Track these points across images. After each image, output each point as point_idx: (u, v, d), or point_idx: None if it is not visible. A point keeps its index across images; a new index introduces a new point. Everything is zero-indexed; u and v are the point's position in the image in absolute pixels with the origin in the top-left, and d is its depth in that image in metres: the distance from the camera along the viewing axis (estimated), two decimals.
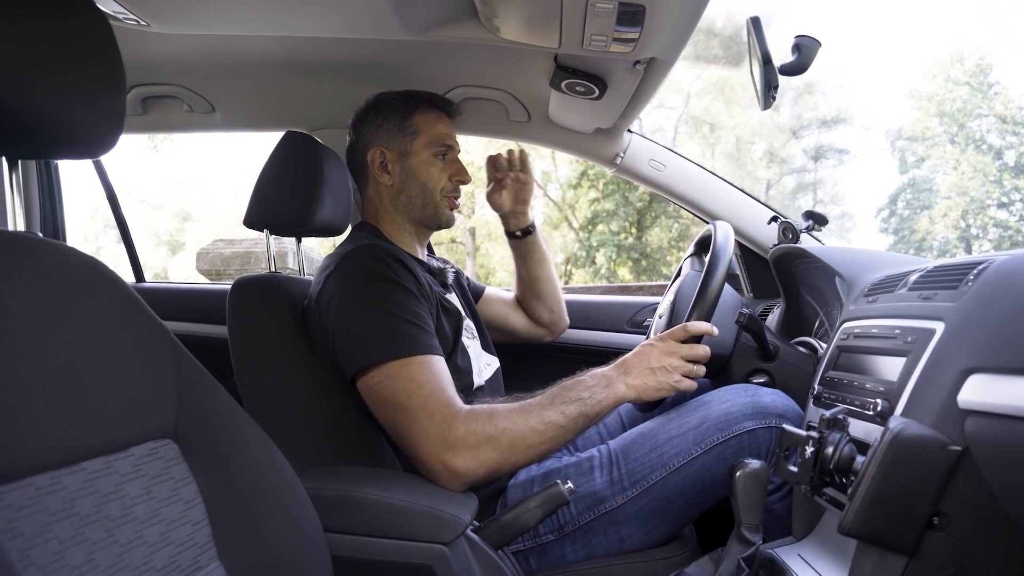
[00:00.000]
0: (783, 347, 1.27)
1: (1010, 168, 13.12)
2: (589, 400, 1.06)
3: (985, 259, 0.82)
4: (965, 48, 13.74)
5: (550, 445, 1.04)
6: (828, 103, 14.61)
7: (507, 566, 0.96)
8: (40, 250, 0.63)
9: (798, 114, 14.58)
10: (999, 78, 13.41)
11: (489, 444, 1.00)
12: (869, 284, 1.07)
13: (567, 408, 1.05)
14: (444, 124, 1.32)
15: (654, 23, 0.99)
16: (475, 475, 0.99)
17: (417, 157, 1.28)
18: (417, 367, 1.03)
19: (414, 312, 1.08)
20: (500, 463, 1.01)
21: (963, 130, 13.64)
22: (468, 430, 0.99)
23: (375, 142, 1.29)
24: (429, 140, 1.29)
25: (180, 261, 17.44)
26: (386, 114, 1.29)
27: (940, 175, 13.87)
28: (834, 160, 14.69)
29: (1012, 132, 13.20)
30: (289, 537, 0.76)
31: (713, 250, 1.15)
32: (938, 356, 0.78)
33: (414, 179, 1.29)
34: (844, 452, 0.79)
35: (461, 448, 0.98)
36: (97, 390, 0.61)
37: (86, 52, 0.66)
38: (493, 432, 1.00)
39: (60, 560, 0.52)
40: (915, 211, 14.11)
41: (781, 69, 1.08)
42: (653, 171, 1.72)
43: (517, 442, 1.01)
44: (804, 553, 0.95)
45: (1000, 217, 13.29)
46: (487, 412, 1.03)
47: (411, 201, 1.30)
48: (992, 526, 0.71)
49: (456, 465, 0.98)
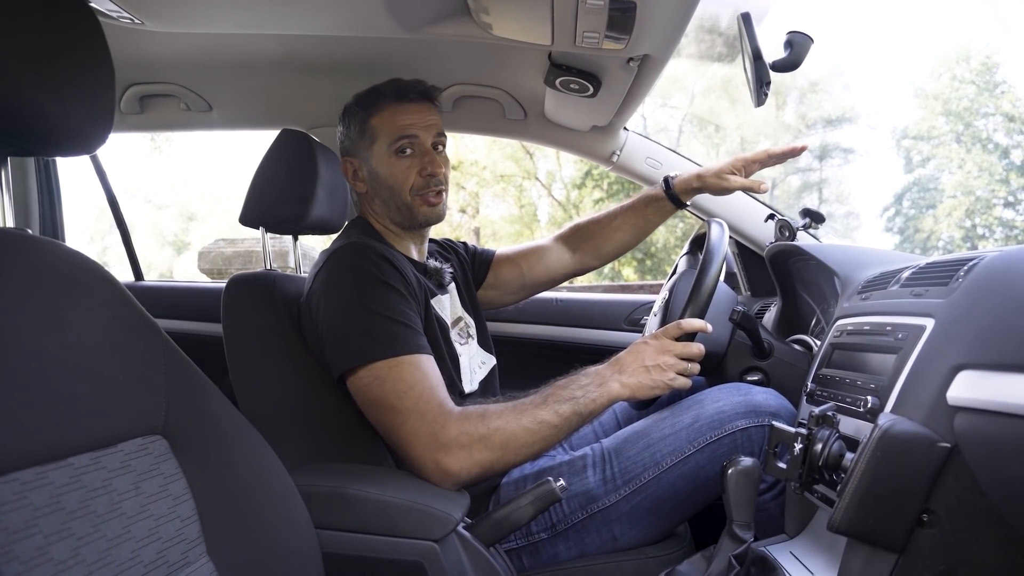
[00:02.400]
0: (778, 345, 1.27)
1: (1016, 167, 13.04)
2: (583, 399, 1.05)
3: (975, 256, 0.81)
4: (971, 47, 13.68)
5: (543, 444, 1.04)
6: (833, 102, 14.55)
7: (499, 564, 0.96)
8: (29, 247, 0.63)
9: (803, 113, 14.54)
10: (1006, 76, 13.34)
11: (482, 444, 0.99)
12: (863, 281, 1.07)
13: (560, 407, 1.04)
14: (404, 115, 1.22)
15: (646, 20, 0.99)
16: (468, 475, 0.99)
17: (378, 160, 1.23)
18: (406, 368, 1.03)
19: (400, 311, 1.07)
20: (493, 462, 1.00)
21: (969, 129, 13.56)
22: (460, 430, 0.99)
23: (345, 152, 1.28)
24: (388, 139, 1.22)
25: (185, 261, 17.49)
26: (348, 122, 1.26)
27: (946, 174, 13.80)
28: (839, 159, 14.63)
29: (1019, 131, 13.12)
30: (279, 533, 0.76)
31: (707, 247, 1.14)
32: (928, 353, 0.78)
33: (381, 184, 1.24)
34: (833, 449, 0.79)
35: (454, 448, 0.98)
36: (85, 386, 0.61)
37: (75, 49, 0.67)
38: (486, 432, 0.99)
39: (44, 555, 0.53)
40: (920, 210, 14.04)
41: (773, 65, 1.07)
42: (650, 169, 1.72)
43: (510, 441, 1.00)
44: (796, 551, 0.95)
45: (1006, 216, 13.21)
46: (479, 412, 1.02)
47: (385, 206, 1.26)
48: (982, 523, 0.71)
49: (449, 465, 0.97)
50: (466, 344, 1.31)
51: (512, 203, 15.44)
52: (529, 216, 15.43)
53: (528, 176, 14.98)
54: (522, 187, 15.24)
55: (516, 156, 14.46)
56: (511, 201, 15.43)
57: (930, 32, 20.23)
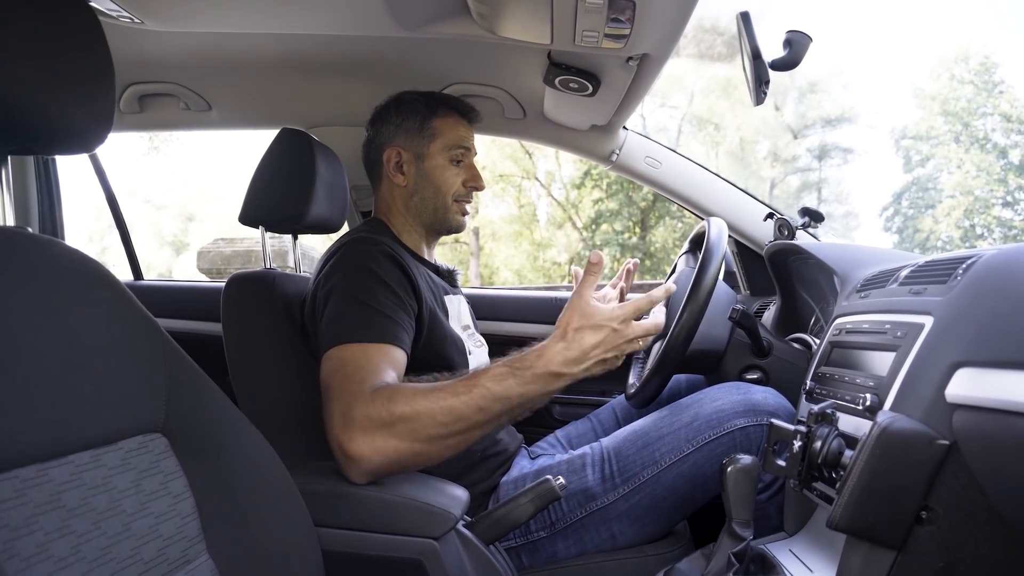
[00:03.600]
0: (777, 343, 1.27)
1: (1015, 167, 13.07)
2: (518, 400, 0.92)
3: (974, 254, 0.82)
4: (970, 47, 13.71)
5: (459, 439, 0.91)
6: (832, 102, 14.61)
7: (499, 562, 0.96)
8: (30, 245, 0.63)
9: (802, 113, 14.57)
10: (1004, 76, 13.38)
11: (383, 429, 0.88)
12: (862, 280, 1.07)
13: (487, 403, 0.90)
14: (463, 128, 1.31)
15: (645, 18, 0.99)
16: (370, 462, 0.88)
17: (433, 160, 1.28)
18: (356, 351, 0.97)
19: (385, 303, 1.04)
20: (398, 451, 0.88)
21: (967, 129, 13.60)
22: (364, 413, 0.89)
23: (392, 141, 1.28)
24: (447, 144, 1.28)
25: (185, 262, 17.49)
26: (407, 114, 1.28)
27: (944, 174, 13.84)
28: (839, 159, 14.69)
29: (1017, 131, 13.16)
30: (279, 531, 0.77)
31: (706, 246, 1.15)
32: (927, 350, 0.78)
33: (428, 182, 1.28)
34: (832, 446, 0.79)
35: (355, 431, 0.88)
36: (86, 384, 0.62)
37: (75, 48, 0.67)
38: (387, 417, 0.88)
39: (45, 552, 0.53)
40: (919, 210, 14.08)
41: (772, 64, 1.08)
42: (649, 168, 1.73)
43: (417, 431, 0.88)
44: (795, 549, 0.95)
45: (1005, 216, 13.24)
46: (390, 393, 0.90)
47: (423, 204, 1.29)
48: (980, 520, 0.71)
49: (349, 449, 0.88)
50: (480, 349, 1.31)
51: (511, 203, 15.47)
52: (528, 216, 15.48)
53: (527, 176, 15.02)
54: (521, 187, 15.29)
55: (515, 156, 14.50)
56: (510, 201, 15.47)
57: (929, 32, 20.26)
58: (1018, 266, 0.74)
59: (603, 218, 14.44)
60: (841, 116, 14.50)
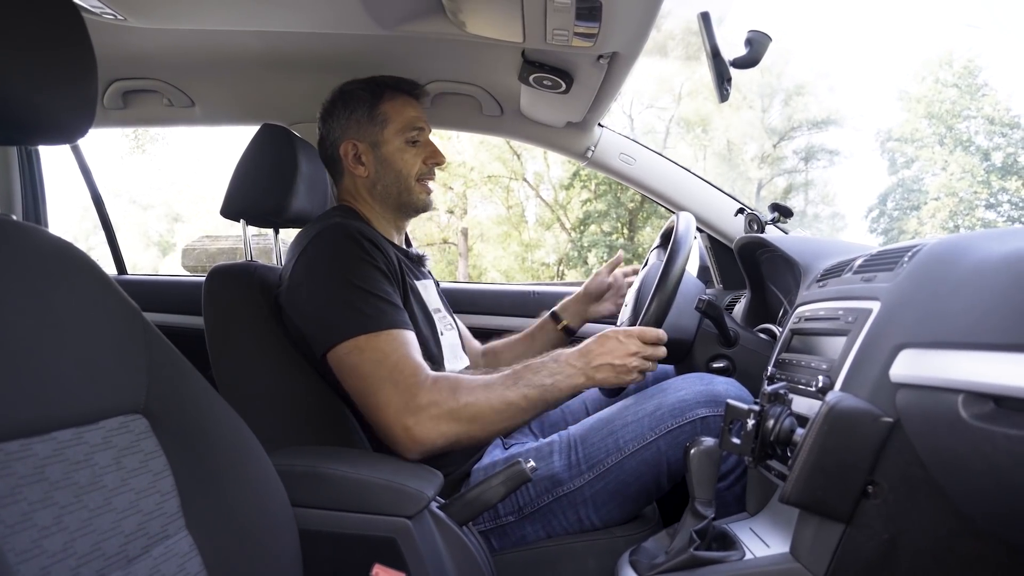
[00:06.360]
0: (744, 333, 1.30)
1: (997, 169, 13.21)
2: (551, 388, 1.10)
3: (920, 243, 0.86)
4: (954, 50, 13.86)
5: (509, 424, 1.09)
6: (819, 104, 14.70)
7: (471, 542, 0.98)
8: (13, 231, 0.65)
9: (789, 115, 14.66)
10: (987, 79, 13.54)
11: (450, 416, 1.03)
12: (822, 270, 1.11)
13: (529, 392, 1.09)
14: (413, 108, 1.33)
15: (612, 17, 1.02)
16: (433, 445, 1.03)
17: (389, 145, 1.30)
18: (385, 339, 1.06)
19: (383, 289, 1.11)
20: (459, 435, 1.04)
21: (952, 131, 13.73)
22: (430, 400, 1.03)
23: (346, 135, 1.30)
24: (399, 127, 1.30)
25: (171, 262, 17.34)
26: (354, 105, 1.30)
27: (929, 176, 13.97)
28: (825, 161, 14.79)
29: (1000, 133, 13.31)
30: (256, 510, 0.78)
31: (674, 239, 1.18)
32: (874, 333, 0.82)
33: (388, 168, 1.30)
34: (784, 425, 0.83)
35: (423, 417, 1.02)
36: (68, 365, 0.64)
37: (57, 40, 0.68)
38: (455, 406, 1.04)
39: (28, 520, 0.55)
40: (905, 212, 14.20)
41: (733, 62, 1.12)
42: (623, 164, 1.77)
43: (477, 417, 1.05)
44: (755, 527, 0.98)
45: (988, 218, 13.37)
46: (452, 384, 1.06)
47: (387, 190, 1.31)
48: (923, 494, 0.74)
49: (416, 433, 1.02)
50: (451, 332, 1.35)
51: (500, 204, 15.46)
52: (517, 217, 15.46)
53: (516, 177, 15.01)
54: (510, 188, 15.27)
55: (504, 157, 14.48)
56: (499, 202, 15.45)
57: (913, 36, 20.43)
58: (957, 253, 0.78)
59: (591, 219, 14.46)
60: (827, 119, 14.61)
